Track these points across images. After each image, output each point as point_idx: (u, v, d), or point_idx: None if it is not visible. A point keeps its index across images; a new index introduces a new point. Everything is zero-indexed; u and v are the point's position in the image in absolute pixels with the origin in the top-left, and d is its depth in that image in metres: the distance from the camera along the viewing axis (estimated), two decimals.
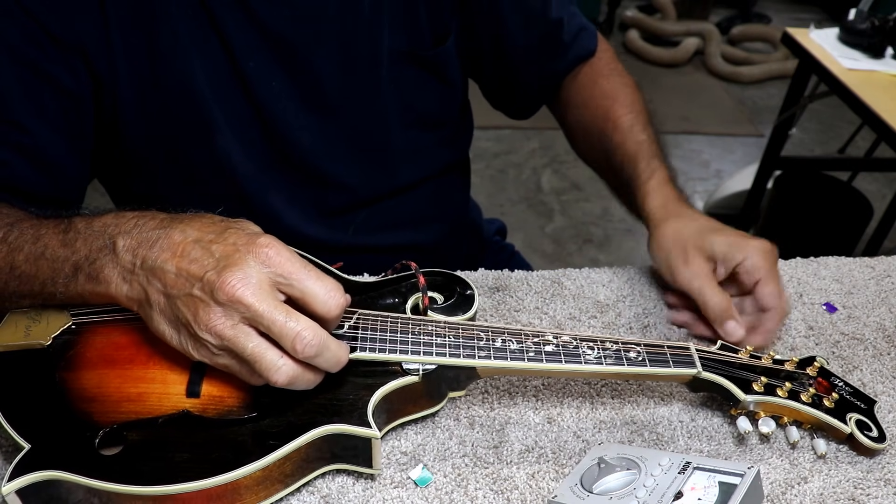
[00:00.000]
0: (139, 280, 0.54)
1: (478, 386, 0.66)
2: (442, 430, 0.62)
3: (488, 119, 1.11)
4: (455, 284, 0.68)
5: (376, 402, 0.56)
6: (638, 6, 4.23)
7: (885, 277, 0.84)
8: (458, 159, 0.95)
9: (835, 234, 2.08)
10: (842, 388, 0.65)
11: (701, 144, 3.13)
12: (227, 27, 0.70)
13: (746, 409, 0.62)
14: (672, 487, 0.52)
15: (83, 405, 0.54)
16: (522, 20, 0.84)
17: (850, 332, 0.75)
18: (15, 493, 0.49)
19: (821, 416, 0.62)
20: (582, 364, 0.60)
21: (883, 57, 1.72)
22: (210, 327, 0.51)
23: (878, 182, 2.80)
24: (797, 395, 0.62)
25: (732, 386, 0.62)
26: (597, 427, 0.63)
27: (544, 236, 2.52)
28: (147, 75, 0.69)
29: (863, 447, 0.61)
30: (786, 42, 1.88)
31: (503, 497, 0.57)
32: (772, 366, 0.65)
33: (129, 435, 0.53)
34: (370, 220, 0.86)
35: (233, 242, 0.53)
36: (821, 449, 0.61)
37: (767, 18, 4.34)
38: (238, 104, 0.74)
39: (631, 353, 0.61)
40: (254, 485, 0.53)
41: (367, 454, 0.56)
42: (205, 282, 0.51)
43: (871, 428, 0.62)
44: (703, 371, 0.61)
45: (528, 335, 0.61)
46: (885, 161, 2.31)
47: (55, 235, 0.58)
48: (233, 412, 0.55)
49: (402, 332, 0.60)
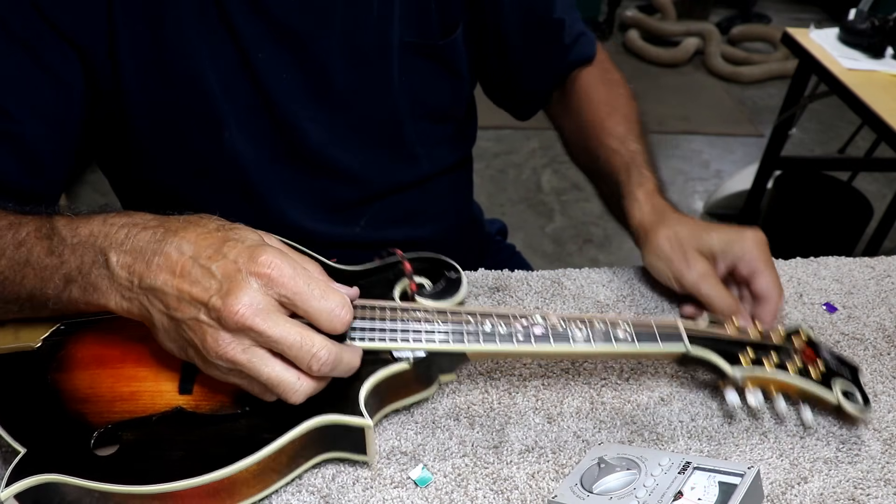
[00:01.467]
0: (139, 299, 0.52)
1: (477, 386, 0.66)
2: (442, 430, 0.62)
3: (488, 119, 1.11)
4: (442, 269, 0.68)
5: (367, 390, 0.56)
6: (638, 6, 4.23)
7: (885, 277, 0.84)
8: (465, 155, 0.95)
9: (835, 234, 2.08)
10: (827, 357, 0.65)
11: (701, 144, 3.13)
12: (235, 18, 0.69)
13: (735, 383, 0.63)
14: (672, 487, 0.52)
15: (76, 406, 0.54)
16: (523, 16, 0.84)
17: (850, 332, 0.75)
18: (13, 497, 0.49)
19: (808, 387, 0.63)
20: (571, 344, 0.60)
21: (883, 57, 1.72)
22: (220, 354, 0.50)
23: (878, 182, 2.80)
24: (784, 365, 0.63)
25: (720, 360, 0.62)
26: (597, 427, 0.63)
27: (544, 236, 2.52)
28: (153, 66, 0.69)
29: (848, 416, 0.63)
30: (786, 42, 1.88)
31: (503, 497, 0.57)
32: (759, 339, 0.65)
33: (123, 435, 0.53)
34: (378, 214, 0.86)
35: (233, 259, 0.51)
36: (808, 418, 0.63)
37: (767, 18, 4.34)
38: (247, 96, 0.73)
39: (619, 333, 0.61)
40: (250, 478, 0.53)
41: (360, 442, 0.56)
42: (210, 308, 0.50)
43: (857, 396, 0.63)
44: (691, 347, 0.62)
45: (516, 318, 0.61)
46: (885, 161, 2.31)
47: (38, 241, 0.56)
48: (225, 407, 0.55)
49: (391, 321, 0.59)
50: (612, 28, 4.11)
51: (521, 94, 0.94)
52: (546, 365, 0.69)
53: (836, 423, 0.65)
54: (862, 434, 0.64)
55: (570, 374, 0.68)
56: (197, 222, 0.54)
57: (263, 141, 0.76)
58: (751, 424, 0.64)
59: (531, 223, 2.57)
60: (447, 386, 0.66)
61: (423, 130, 0.84)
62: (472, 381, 0.67)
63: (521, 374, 0.68)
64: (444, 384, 0.65)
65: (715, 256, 0.72)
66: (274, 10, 0.70)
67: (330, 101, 0.77)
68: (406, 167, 0.86)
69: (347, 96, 0.77)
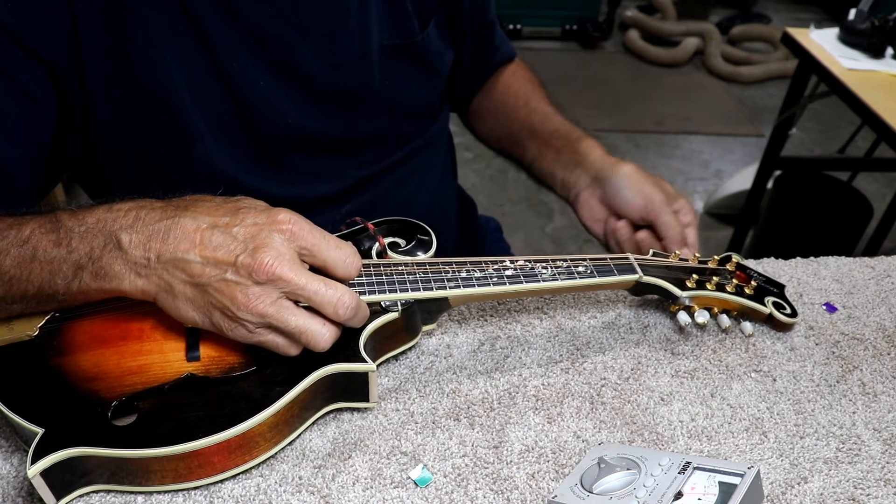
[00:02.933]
0: (157, 274, 0.54)
1: (477, 386, 0.66)
2: (442, 430, 0.62)
3: None
4: (414, 231, 0.72)
5: (365, 339, 0.61)
6: (638, 6, 4.23)
7: (885, 277, 0.84)
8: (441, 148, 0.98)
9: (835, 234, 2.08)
10: (757, 277, 0.76)
11: (701, 144, 3.13)
12: (206, 27, 0.68)
13: (683, 305, 0.72)
14: (672, 487, 0.52)
15: (86, 385, 0.55)
16: (473, 16, 0.90)
17: (850, 332, 0.75)
18: (40, 475, 0.50)
19: (744, 302, 0.73)
20: (539, 282, 0.66)
21: (883, 57, 1.72)
22: (251, 307, 0.53)
23: (878, 182, 2.80)
24: (723, 286, 0.73)
25: (669, 285, 0.70)
26: (597, 427, 0.63)
27: (544, 236, 2.52)
28: (119, 79, 0.68)
29: (780, 323, 0.73)
30: (786, 42, 1.88)
31: (503, 497, 0.57)
32: (698, 265, 0.75)
33: (140, 404, 0.54)
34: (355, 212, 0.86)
35: (252, 222, 0.55)
36: (748, 330, 0.72)
37: (767, 18, 4.34)
38: (220, 106, 0.72)
39: (580, 268, 0.68)
40: (267, 431, 0.56)
41: (364, 389, 0.61)
42: (239, 265, 0.53)
43: (786, 307, 0.74)
44: (643, 276, 0.69)
45: (488, 264, 0.67)
46: (885, 161, 2.31)
47: (44, 235, 0.56)
48: (235, 368, 0.57)
49: (376, 276, 0.65)
50: (612, 28, 4.11)
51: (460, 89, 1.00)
52: (546, 364, 0.69)
53: (835, 422, 0.65)
54: (862, 434, 0.64)
55: (570, 374, 0.68)
56: (202, 198, 0.58)
57: (237, 151, 0.76)
58: (751, 424, 0.64)
59: (531, 223, 2.58)
60: (447, 386, 0.66)
61: (404, 131, 0.87)
62: (472, 381, 0.67)
63: (521, 374, 0.68)
64: (428, 333, 0.70)
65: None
66: (247, 17, 0.69)
67: (308, 108, 0.76)
68: (389, 171, 0.87)
69: (327, 103, 0.77)
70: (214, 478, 0.55)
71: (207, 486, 0.56)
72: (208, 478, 0.55)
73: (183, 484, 0.54)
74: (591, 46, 4.01)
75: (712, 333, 0.74)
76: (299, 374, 0.57)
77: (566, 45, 4.04)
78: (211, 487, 0.56)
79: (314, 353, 0.58)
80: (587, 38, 3.99)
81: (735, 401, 0.66)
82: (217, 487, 0.56)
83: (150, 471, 0.53)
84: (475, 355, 0.70)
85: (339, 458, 0.59)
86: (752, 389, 0.68)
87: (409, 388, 0.66)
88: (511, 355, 0.70)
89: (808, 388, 0.68)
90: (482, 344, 0.71)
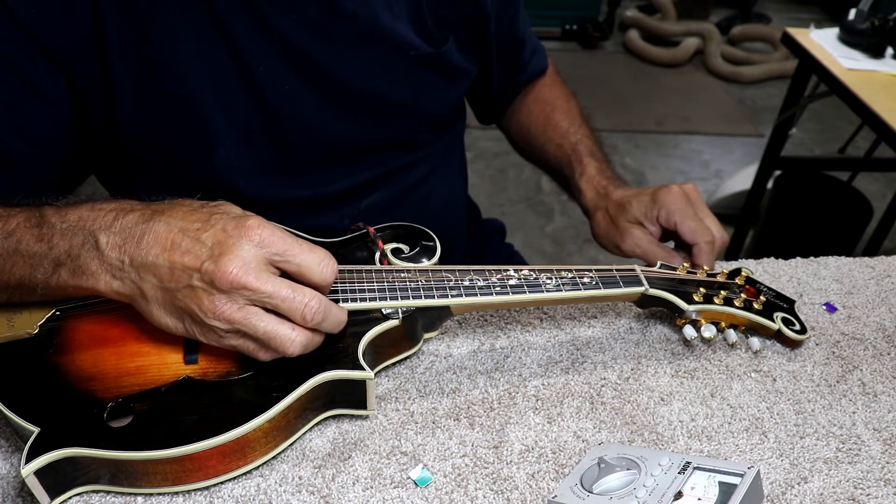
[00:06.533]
0: (130, 277, 0.54)
1: (477, 386, 0.66)
2: (442, 430, 0.62)
3: None
4: (418, 237, 0.72)
5: (364, 346, 0.60)
6: (638, 6, 4.23)
7: (885, 277, 0.84)
8: (457, 150, 1.00)
9: (835, 234, 2.08)
10: (767, 292, 0.75)
11: (701, 144, 3.13)
12: (234, 32, 0.69)
13: (690, 318, 0.70)
14: (672, 487, 0.52)
15: (83, 385, 0.55)
16: (502, 33, 0.91)
17: (850, 332, 0.75)
18: (34, 474, 0.50)
19: (753, 318, 0.71)
20: (543, 292, 0.65)
21: (883, 57, 1.71)
22: (217, 313, 0.53)
23: (878, 182, 2.80)
24: (731, 301, 0.71)
25: (676, 298, 0.69)
26: (597, 427, 0.63)
27: (544, 236, 2.52)
28: (145, 83, 0.68)
29: (789, 340, 0.71)
30: (786, 42, 1.88)
31: (503, 497, 0.57)
32: (706, 278, 0.73)
33: (136, 406, 0.54)
34: (373, 208, 0.87)
35: (222, 228, 0.54)
36: (755, 346, 0.70)
37: (767, 18, 4.34)
38: (246, 110, 0.73)
39: (585, 279, 0.67)
40: (262, 436, 0.55)
41: (361, 396, 0.60)
42: (203, 272, 0.52)
43: (795, 323, 0.72)
44: (650, 288, 0.68)
45: (492, 272, 0.66)
46: (885, 161, 2.31)
47: (28, 230, 0.57)
48: (232, 372, 0.57)
49: (378, 282, 0.64)
50: (612, 28, 4.11)
51: (489, 103, 1.03)
52: (546, 364, 0.69)
53: (835, 422, 0.65)
54: (862, 434, 0.64)
55: (570, 374, 0.68)
56: (181, 203, 0.57)
57: (259, 155, 0.76)
58: (751, 424, 0.64)
59: (531, 223, 2.57)
60: (447, 386, 0.66)
61: (426, 135, 0.87)
62: (472, 381, 0.67)
63: (521, 374, 0.68)
64: (429, 340, 0.69)
65: (641, 222, 0.79)
66: (275, 23, 0.70)
67: (333, 113, 0.77)
68: (408, 168, 0.87)
69: (352, 109, 0.78)
70: (210, 481, 0.55)
71: (207, 487, 0.56)
72: (203, 481, 0.55)
73: (178, 487, 0.54)
74: (591, 46, 4.01)
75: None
76: (296, 380, 0.57)
77: (566, 45, 4.04)
78: (211, 487, 0.56)
79: (312, 360, 0.57)
80: (587, 38, 3.99)
81: (735, 401, 0.66)
82: (217, 487, 0.56)
83: (145, 473, 0.53)
84: (475, 355, 0.70)
85: (339, 458, 0.59)
86: (752, 389, 0.68)
87: (409, 388, 0.66)
88: (511, 355, 0.70)
89: (808, 388, 0.68)
90: (482, 344, 0.71)
